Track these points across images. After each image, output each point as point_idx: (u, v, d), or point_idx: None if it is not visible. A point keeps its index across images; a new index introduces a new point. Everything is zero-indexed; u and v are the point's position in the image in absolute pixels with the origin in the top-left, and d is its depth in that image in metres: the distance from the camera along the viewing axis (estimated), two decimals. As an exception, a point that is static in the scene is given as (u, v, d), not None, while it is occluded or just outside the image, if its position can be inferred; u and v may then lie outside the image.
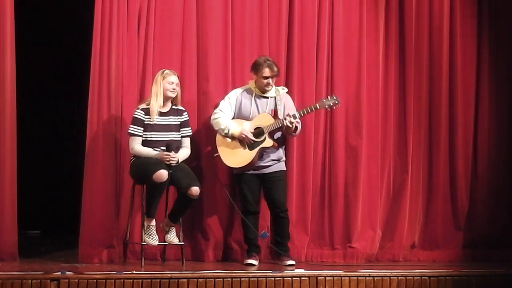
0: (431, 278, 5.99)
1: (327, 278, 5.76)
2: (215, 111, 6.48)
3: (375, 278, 5.86)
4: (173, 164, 6.04)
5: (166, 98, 6.24)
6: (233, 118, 6.47)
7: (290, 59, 7.00)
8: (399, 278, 5.92)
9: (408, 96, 7.32)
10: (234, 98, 6.50)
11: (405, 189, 7.24)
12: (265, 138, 6.39)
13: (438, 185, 7.38)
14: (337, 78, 7.08)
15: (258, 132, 6.40)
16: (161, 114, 6.23)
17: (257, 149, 6.38)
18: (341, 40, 7.14)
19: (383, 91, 7.27)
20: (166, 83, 6.22)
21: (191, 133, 6.35)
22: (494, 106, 7.61)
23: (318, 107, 6.52)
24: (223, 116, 6.43)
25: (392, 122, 7.29)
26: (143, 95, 6.52)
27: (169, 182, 6.11)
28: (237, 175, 6.51)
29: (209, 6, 6.80)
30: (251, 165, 6.41)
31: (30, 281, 5.11)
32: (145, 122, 6.17)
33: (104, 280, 5.25)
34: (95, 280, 5.23)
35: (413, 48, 7.32)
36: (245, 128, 6.39)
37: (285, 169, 6.59)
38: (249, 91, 6.53)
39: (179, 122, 6.29)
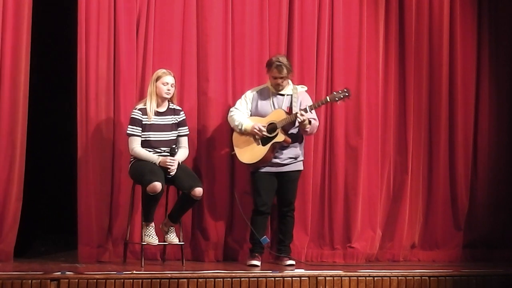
0: (431, 278, 5.98)
1: (327, 278, 5.76)
2: (231, 109, 6.51)
3: (375, 278, 5.85)
4: (172, 173, 6.04)
5: (162, 99, 6.23)
6: (250, 116, 6.47)
7: (290, 59, 6.96)
8: (399, 278, 5.91)
9: (408, 96, 7.32)
10: (250, 96, 6.50)
11: (405, 189, 7.24)
12: (277, 133, 6.35)
13: (438, 185, 7.38)
14: (337, 78, 7.08)
15: (272, 127, 6.36)
16: (159, 114, 6.21)
17: (269, 144, 6.34)
18: (341, 40, 7.14)
19: (383, 91, 7.27)
20: (161, 84, 6.19)
21: (188, 132, 6.34)
22: (494, 106, 7.61)
23: (329, 100, 6.49)
24: (238, 113, 6.43)
25: (392, 122, 7.29)
26: (142, 96, 6.51)
27: (170, 182, 6.12)
28: (253, 173, 6.47)
29: (209, 6, 6.80)
30: (264, 161, 6.36)
31: (30, 281, 5.11)
32: (143, 122, 6.16)
33: (104, 280, 5.25)
34: (95, 280, 5.23)
35: (413, 48, 7.32)
36: (258, 123, 6.37)
37: (301, 168, 6.56)
38: (265, 90, 6.52)
39: (176, 122, 6.28)
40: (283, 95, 6.49)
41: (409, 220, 7.23)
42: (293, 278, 5.67)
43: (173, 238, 6.21)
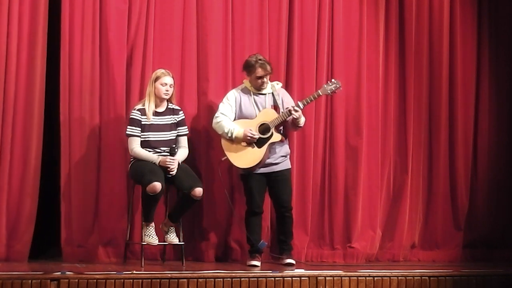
0: (431, 278, 5.98)
1: (327, 278, 5.75)
2: (216, 115, 6.38)
3: (375, 278, 5.85)
4: (172, 172, 6.04)
5: (160, 99, 6.23)
6: (235, 118, 6.41)
7: (290, 59, 7.00)
8: (399, 278, 5.91)
9: (408, 96, 7.33)
10: (233, 99, 6.41)
11: (405, 189, 7.25)
12: (272, 133, 6.30)
13: (438, 185, 7.38)
14: (337, 78, 7.02)
15: (264, 128, 6.30)
16: (157, 114, 6.21)
17: (266, 146, 6.28)
18: (341, 40, 7.14)
19: (383, 91, 7.27)
20: (159, 85, 6.18)
21: (187, 132, 6.33)
22: (494, 106, 7.62)
23: (321, 94, 6.44)
24: (225, 119, 6.32)
25: (392, 122, 7.29)
26: (143, 95, 6.50)
27: (170, 182, 6.11)
28: (244, 175, 6.39)
29: (209, 6, 6.80)
30: (262, 163, 6.30)
31: (30, 281, 5.10)
32: (142, 122, 6.16)
33: (104, 280, 5.24)
34: (95, 280, 5.23)
35: (413, 48, 7.33)
36: (249, 128, 6.31)
37: (290, 166, 6.53)
38: (246, 90, 6.45)
39: (175, 121, 6.27)
40: (264, 94, 6.43)
41: (409, 220, 7.23)
42: (293, 278, 5.67)
43: (173, 238, 6.21)
